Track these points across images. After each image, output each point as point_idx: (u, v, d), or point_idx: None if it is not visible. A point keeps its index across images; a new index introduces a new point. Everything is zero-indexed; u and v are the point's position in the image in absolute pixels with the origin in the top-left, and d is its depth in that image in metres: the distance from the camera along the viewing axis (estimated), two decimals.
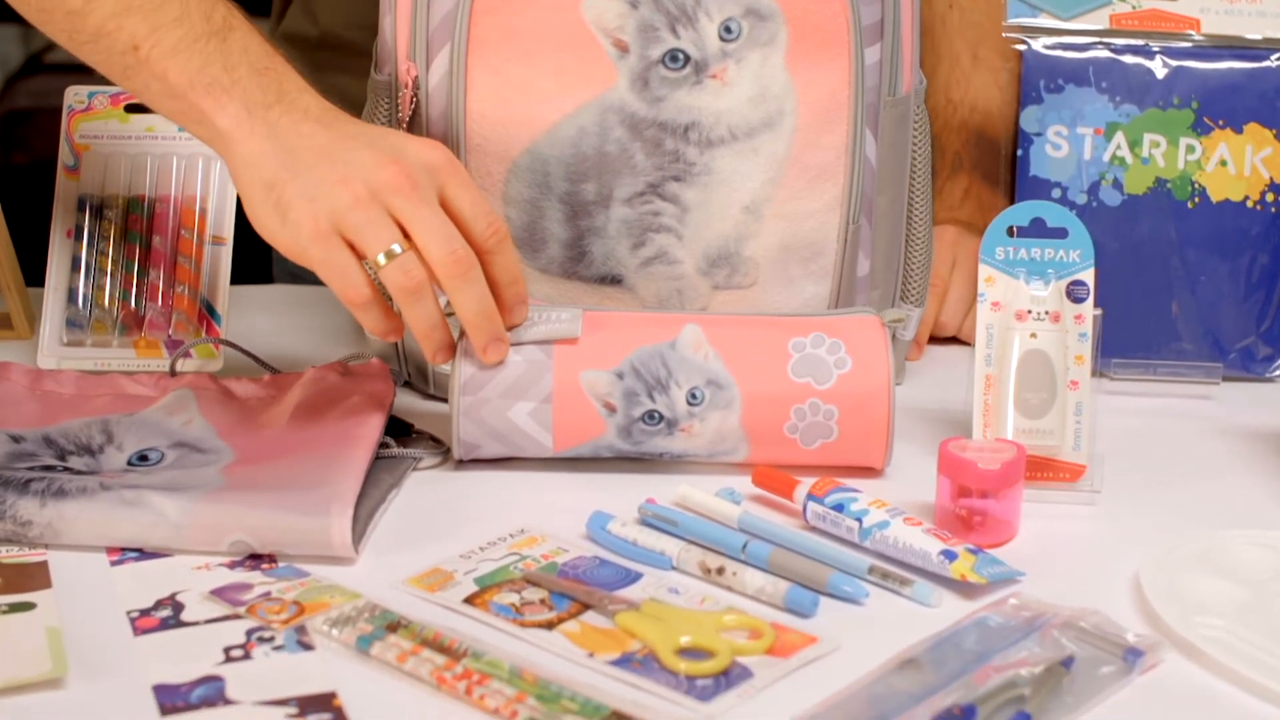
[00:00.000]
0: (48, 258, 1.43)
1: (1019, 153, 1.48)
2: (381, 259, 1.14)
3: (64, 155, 1.44)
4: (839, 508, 1.14)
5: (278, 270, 1.76)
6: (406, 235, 1.14)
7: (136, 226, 1.42)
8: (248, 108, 1.16)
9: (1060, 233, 1.23)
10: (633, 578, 1.09)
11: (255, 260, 1.74)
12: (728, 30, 1.25)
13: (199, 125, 1.19)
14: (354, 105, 1.22)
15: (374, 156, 1.14)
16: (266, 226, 1.15)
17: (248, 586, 1.07)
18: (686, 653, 1.00)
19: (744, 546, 1.11)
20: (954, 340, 1.53)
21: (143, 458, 1.19)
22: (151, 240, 1.41)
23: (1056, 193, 1.46)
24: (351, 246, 1.14)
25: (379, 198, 1.13)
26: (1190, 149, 1.44)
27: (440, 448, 1.26)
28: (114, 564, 1.10)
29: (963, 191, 1.57)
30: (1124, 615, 1.05)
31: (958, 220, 1.55)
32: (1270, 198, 1.44)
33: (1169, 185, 1.45)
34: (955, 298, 1.52)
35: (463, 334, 1.20)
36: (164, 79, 1.18)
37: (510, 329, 1.20)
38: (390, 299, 1.17)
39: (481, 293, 1.17)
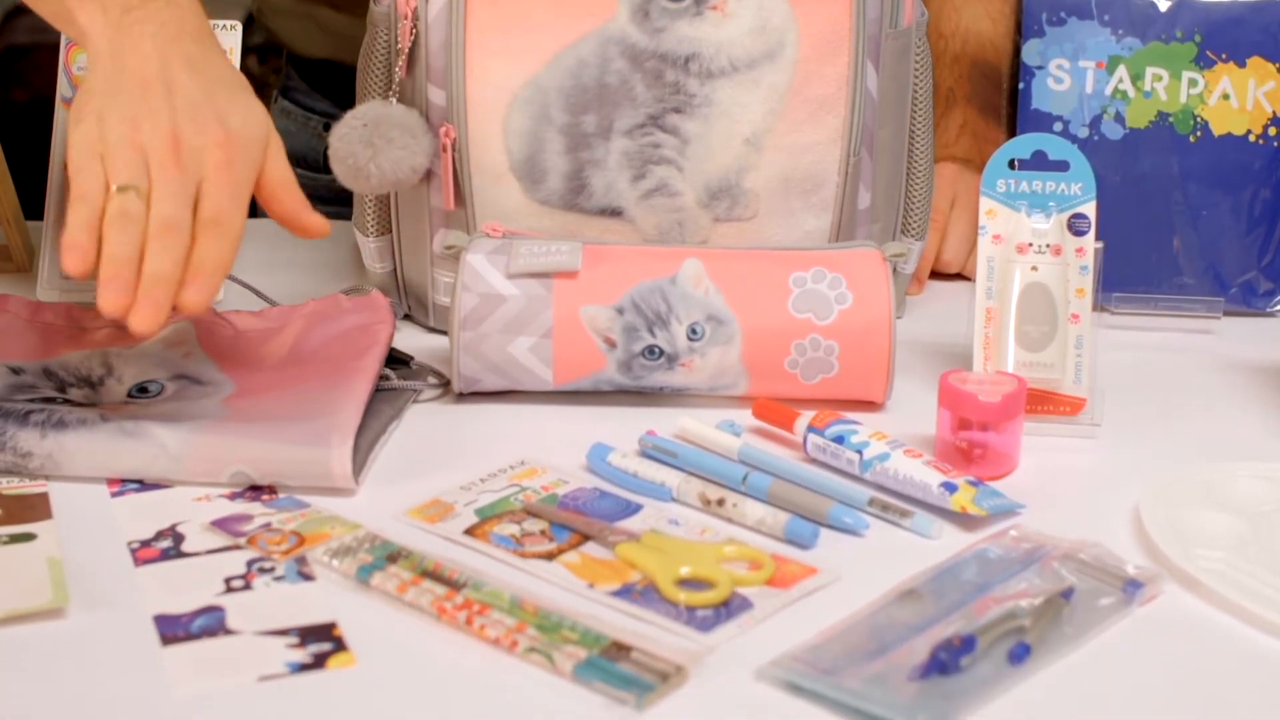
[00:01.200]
0: (46, 191, 1.42)
1: (1020, 86, 1.47)
2: (115, 189, 1.11)
3: (62, 87, 1.44)
4: (839, 440, 1.14)
5: None
6: None
7: None
8: (104, 8, 1.15)
9: (1062, 165, 1.23)
10: (633, 509, 1.09)
11: None
12: None
13: (67, 25, 1.18)
14: (335, 37, 1.21)
15: (168, 124, 1.13)
16: (70, 124, 1.14)
17: (248, 517, 1.07)
18: (687, 583, 1.00)
19: (744, 478, 1.11)
20: (956, 276, 1.52)
21: (142, 389, 1.19)
22: None
23: (1058, 126, 1.46)
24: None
25: (145, 154, 1.12)
26: (1193, 83, 1.44)
27: (440, 380, 1.26)
28: (114, 495, 1.10)
29: (958, 127, 1.56)
30: (1124, 547, 1.06)
31: (954, 157, 1.55)
32: (1273, 132, 1.43)
33: (1171, 119, 1.44)
34: (957, 235, 1.51)
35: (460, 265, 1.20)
36: None
37: (176, 310, 1.11)
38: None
39: (170, 261, 1.10)
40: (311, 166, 1.29)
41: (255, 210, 1.17)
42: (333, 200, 1.39)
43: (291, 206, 1.18)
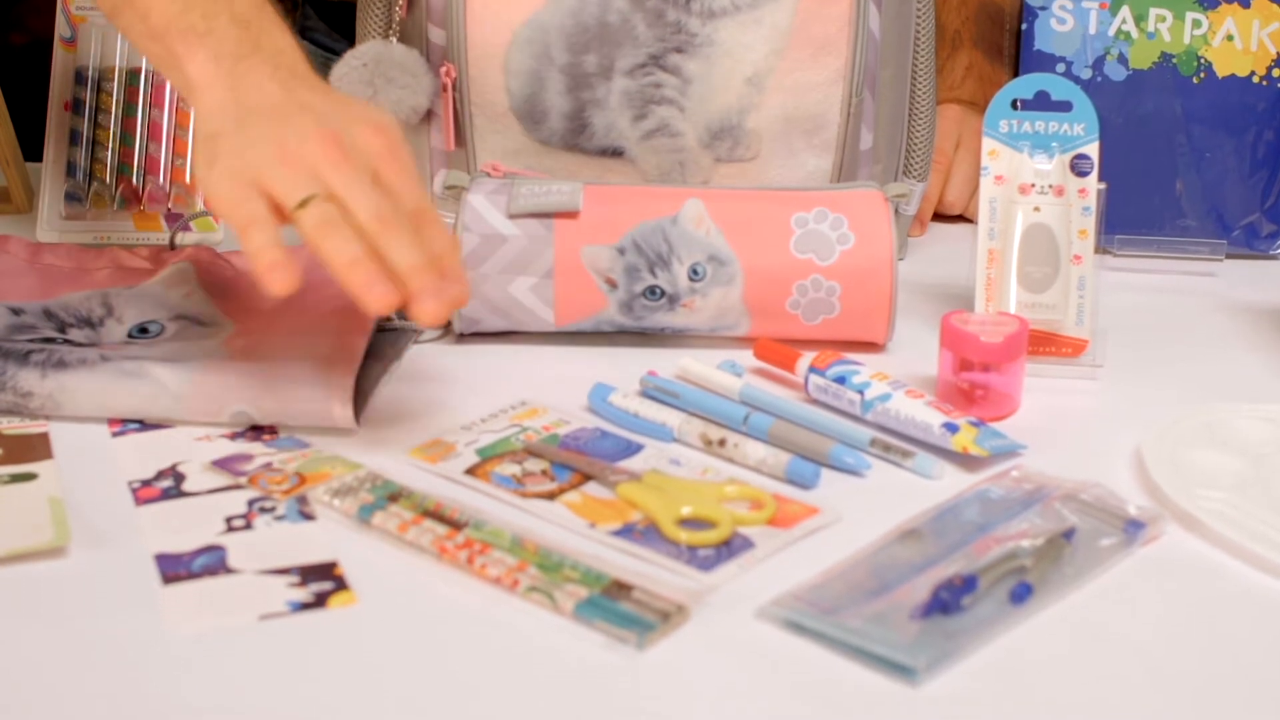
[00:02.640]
0: (45, 132, 1.42)
1: (1023, 27, 1.46)
2: (298, 208, 1.05)
3: (60, 27, 1.43)
4: (841, 380, 1.14)
5: None
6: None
7: (135, 99, 1.41)
8: (217, 58, 1.11)
9: (1065, 106, 1.22)
10: (634, 449, 1.09)
11: None
12: None
13: (173, 71, 1.14)
14: None
15: (316, 128, 1.08)
16: (199, 170, 1.09)
17: (249, 457, 1.07)
18: (688, 523, 1.00)
19: (745, 418, 1.11)
20: (958, 218, 1.52)
21: (143, 330, 1.18)
22: (150, 113, 1.41)
23: (1061, 68, 1.45)
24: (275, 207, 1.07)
25: (306, 163, 1.06)
26: (1196, 23, 1.43)
27: None
28: (115, 435, 1.10)
29: (964, 69, 1.55)
30: (1125, 488, 1.06)
31: (959, 99, 1.54)
32: (1277, 73, 1.43)
33: (1174, 60, 1.44)
34: (961, 177, 1.51)
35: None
36: (146, 19, 1.14)
37: (451, 301, 1.05)
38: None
39: (416, 249, 1.04)
40: None
41: None
42: None
43: None
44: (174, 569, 0.96)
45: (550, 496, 1.03)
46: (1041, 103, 1.23)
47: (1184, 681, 0.89)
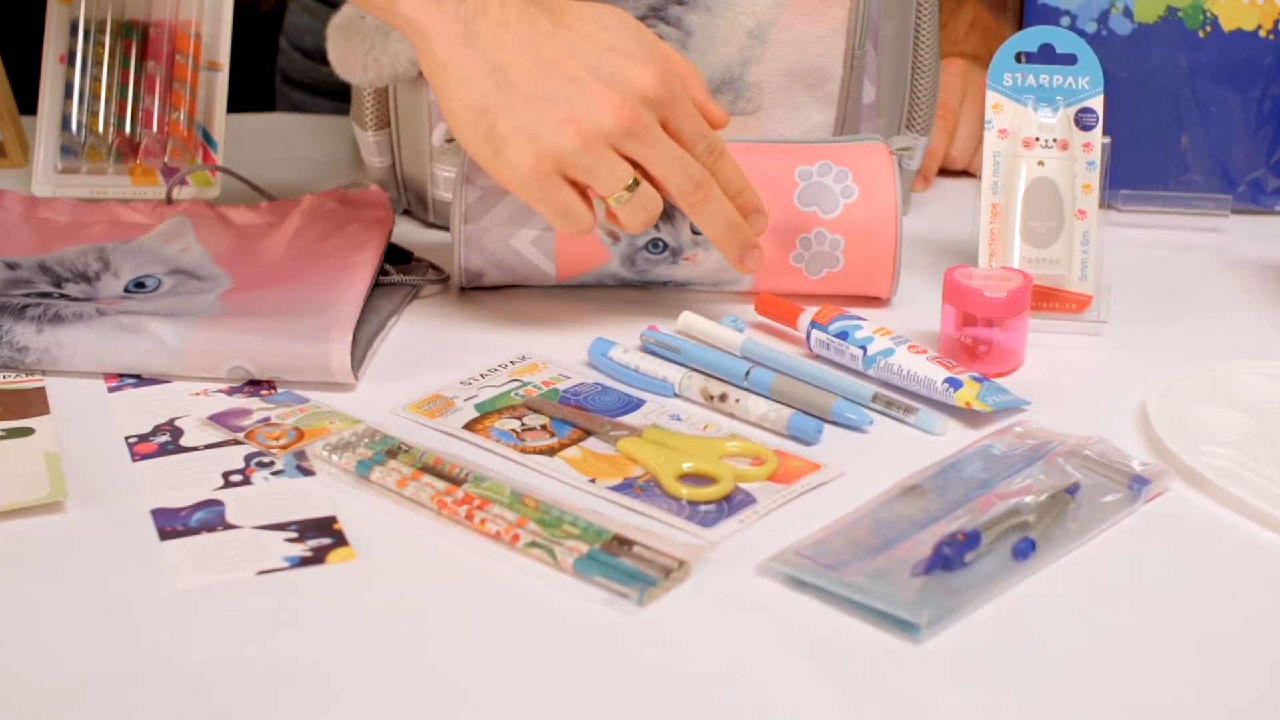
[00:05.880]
0: (40, 85, 1.41)
1: None
2: (616, 199, 1.10)
3: None
4: (843, 335, 1.13)
5: (281, 101, 1.74)
6: (634, 166, 1.11)
7: (130, 52, 1.40)
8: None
9: (1069, 59, 1.21)
10: (635, 404, 1.09)
11: (258, 88, 1.72)
12: None
13: (387, 12, 1.11)
14: None
15: (597, 96, 1.08)
16: (478, 153, 1.09)
17: (246, 412, 1.06)
18: (689, 479, 0.99)
19: (747, 374, 1.10)
20: (961, 173, 1.51)
21: (140, 285, 1.18)
22: (146, 66, 1.39)
23: (1066, 21, 1.44)
24: (574, 182, 1.10)
25: (609, 140, 1.08)
26: None
27: (440, 275, 1.25)
28: (112, 390, 1.09)
29: (969, 24, 1.55)
30: (1130, 444, 1.05)
31: (964, 53, 1.53)
32: None
33: (1180, 14, 1.42)
34: (965, 131, 1.50)
35: (464, 163, 1.19)
36: None
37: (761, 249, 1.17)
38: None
39: (725, 206, 1.13)
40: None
41: (255, 106, 1.15)
42: (338, 95, 1.37)
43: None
44: (171, 524, 0.95)
45: (550, 452, 1.03)
46: (1046, 56, 1.22)
47: (1187, 638, 0.88)
